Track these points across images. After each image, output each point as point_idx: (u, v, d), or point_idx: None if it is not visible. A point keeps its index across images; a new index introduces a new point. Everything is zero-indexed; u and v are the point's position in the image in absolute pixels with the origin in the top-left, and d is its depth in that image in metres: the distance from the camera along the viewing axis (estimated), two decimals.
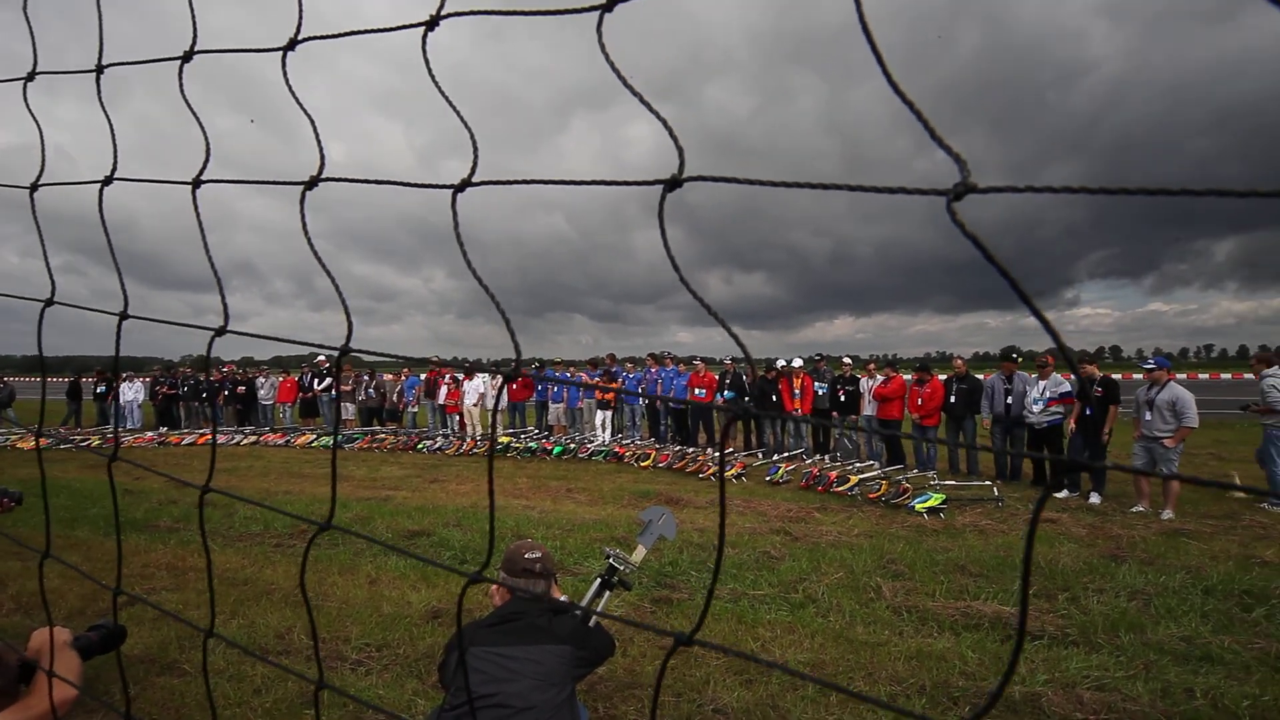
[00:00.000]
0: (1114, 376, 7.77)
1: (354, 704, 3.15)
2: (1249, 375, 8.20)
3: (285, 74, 0.75)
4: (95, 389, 15.64)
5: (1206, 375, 46.34)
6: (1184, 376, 41.27)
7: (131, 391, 15.95)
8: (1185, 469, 9.42)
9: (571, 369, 13.75)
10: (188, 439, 13.31)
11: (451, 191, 0.64)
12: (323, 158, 0.73)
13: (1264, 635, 3.79)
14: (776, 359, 11.18)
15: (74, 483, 8.43)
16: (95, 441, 13.03)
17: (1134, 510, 6.87)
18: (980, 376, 9.59)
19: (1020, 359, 9.01)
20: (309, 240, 0.73)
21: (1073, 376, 8.22)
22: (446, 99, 0.64)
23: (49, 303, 1.05)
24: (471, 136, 0.63)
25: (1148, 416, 6.91)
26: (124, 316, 0.94)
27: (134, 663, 3.51)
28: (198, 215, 0.84)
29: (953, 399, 9.24)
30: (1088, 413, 7.56)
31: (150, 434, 13.99)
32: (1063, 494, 7.67)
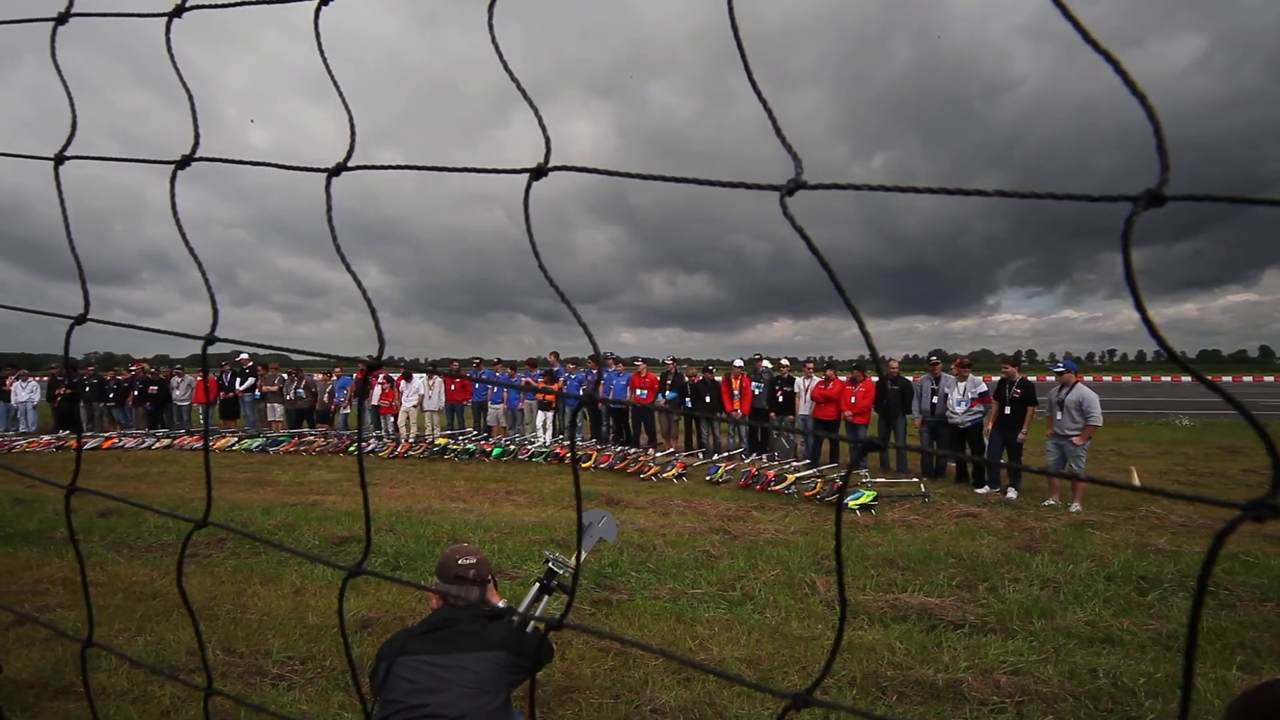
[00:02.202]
0: (1030, 379, 8.27)
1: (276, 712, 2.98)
2: (1146, 378, 8.88)
3: (169, 42, 0.69)
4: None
5: (1110, 378, 50.09)
6: (1090, 379, 44.50)
7: (25, 392, 14.64)
8: (1091, 464, 10.14)
9: (510, 370, 13.51)
10: (90, 443, 12.31)
11: (326, 175, 0.62)
12: (197, 135, 0.68)
13: (1158, 617, 4.11)
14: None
15: None
16: None
17: (1046, 504, 7.33)
18: (910, 378, 10.03)
19: (938, 362, 9.48)
20: (178, 223, 0.68)
21: (993, 379, 8.72)
22: (334, 80, 0.61)
23: None
24: (350, 119, 0.60)
25: (1058, 416, 7.39)
26: None
27: (23, 688, 3.21)
28: (60, 193, 0.76)
29: (886, 399, 9.63)
30: (1006, 412, 8.02)
31: (47, 437, 12.86)
32: (983, 490, 8.11)
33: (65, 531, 5.90)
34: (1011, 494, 7.83)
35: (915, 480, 8.33)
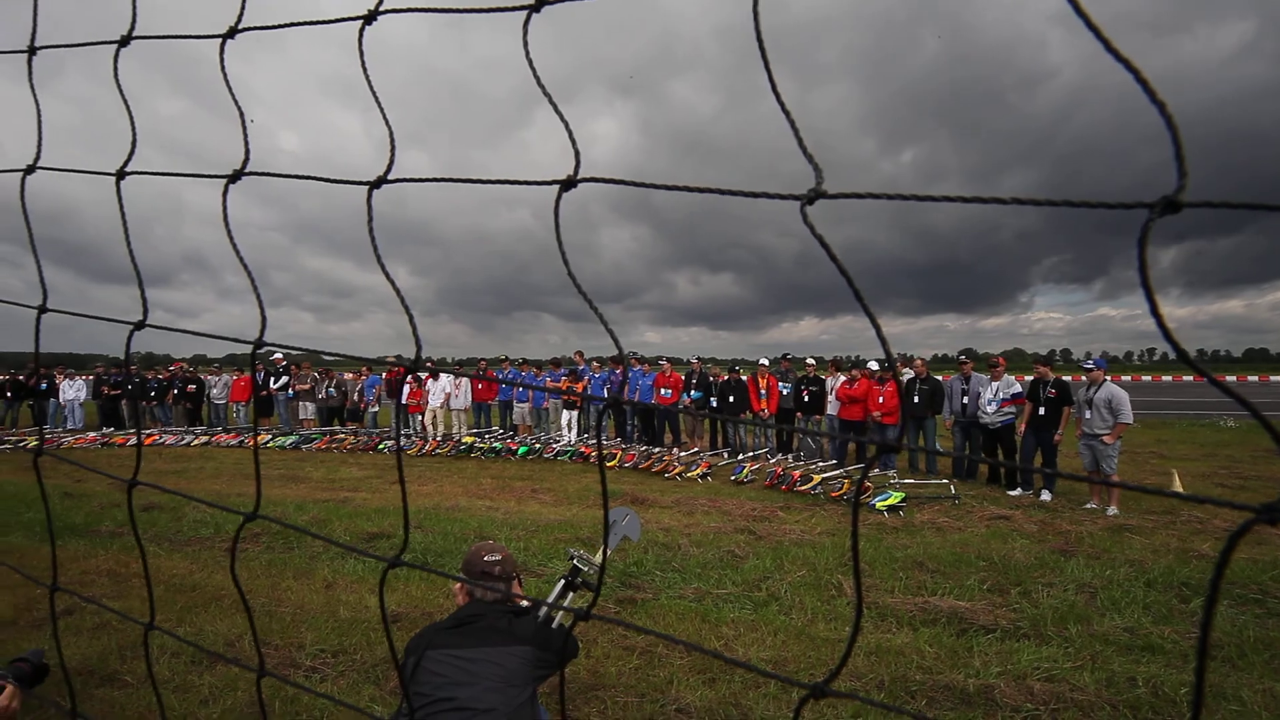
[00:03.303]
0: (1065, 379, 8.06)
1: (306, 714, 3.06)
2: (1188, 378, 8.58)
3: (223, 64, 0.71)
4: (35, 386, 14.85)
5: (1149, 377, 48.54)
6: (1128, 379, 43.16)
7: (73, 390, 15.21)
8: (1129, 466, 9.85)
9: (536, 369, 13.61)
10: (134, 439, 12.74)
11: (368, 188, 0.63)
12: (247, 150, 0.70)
13: (1201, 625, 3.97)
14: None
15: (7, 485, 7.99)
16: (33, 442, 12.38)
17: (1085, 507, 7.14)
18: (940, 378, 9.85)
19: (968, 361, 9.28)
20: (229, 231, 0.70)
21: (1025, 378, 8.52)
22: (376, 98, 0.62)
23: None
24: (390, 133, 0.62)
25: (1087, 415, 7.20)
26: (43, 310, 0.88)
27: (71, 675, 3.34)
28: (121, 208, 0.79)
29: (915, 399, 9.47)
30: (1040, 412, 7.83)
31: (93, 434, 13.36)
32: (1016, 492, 7.93)
33: (110, 525, 6.13)
34: (1045, 496, 7.64)
35: (945, 482, 8.18)
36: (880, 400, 9.61)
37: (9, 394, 15.18)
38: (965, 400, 8.91)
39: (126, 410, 14.88)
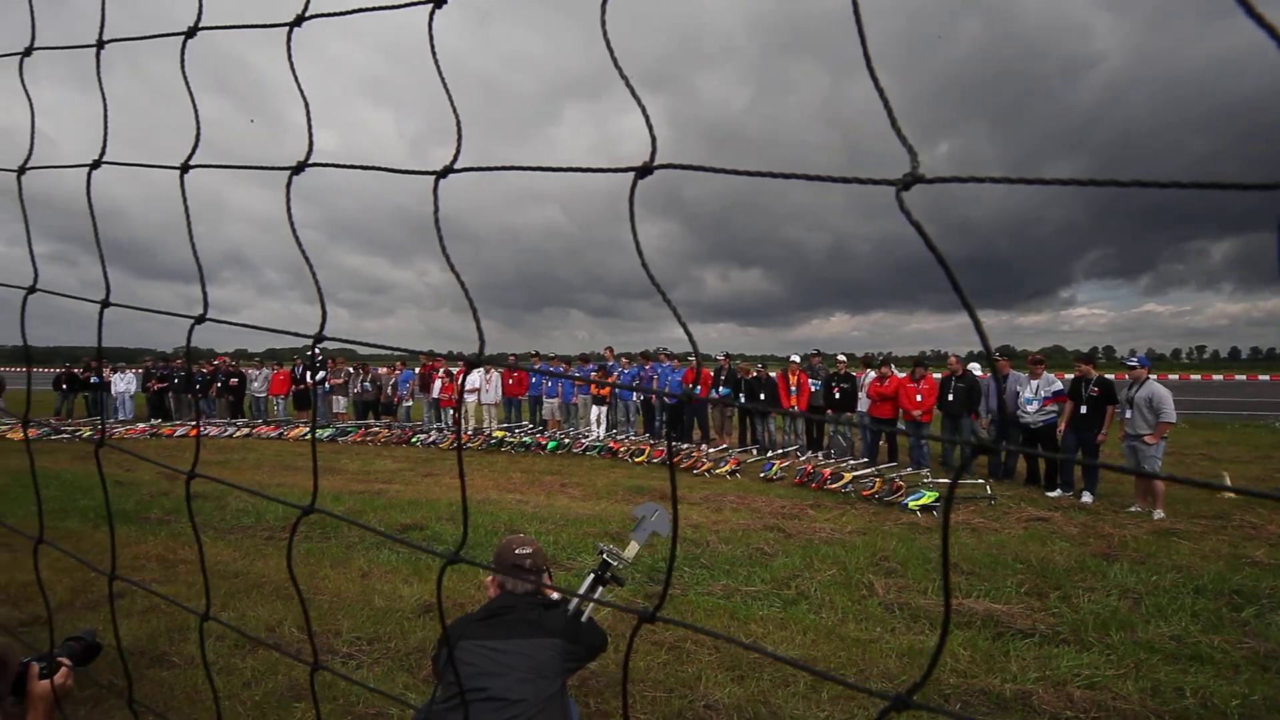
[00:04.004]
0: (1109, 377, 7.79)
1: (343, 699, 3.14)
2: (1241, 376, 8.21)
3: (290, 53, 0.73)
4: (88, 379, 15.53)
5: (1198, 376, 46.65)
6: (1175, 377, 41.55)
7: (124, 383, 15.84)
8: (1175, 468, 9.49)
9: (565, 364, 13.71)
10: (179, 430, 13.24)
11: (434, 177, 0.62)
12: (311, 143, 0.71)
13: (1253, 635, 3.81)
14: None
15: (64, 474, 8.37)
16: (86, 432, 12.94)
17: (1130, 510, 6.90)
18: (977, 375, 9.62)
19: (1005, 359, 9.02)
20: (293, 227, 0.71)
21: (1066, 376, 8.25)
22: (444, 82, 0.62)
23: (31, 290, 1.03)
24: (457, 121, 0.61)
25: (1128, 414, 6.95)
26: (105, 305, 0.92)
27: (124, 655, 3.49)
28: (184, 201, 0.82)
29: (950, 397, 9.26)
30: (1082, 411, 7.59)
31: (142, 425, 13.91)
32: (1055, 493, 7.71)
33: (159, 512, 6.37)
34: (1086, 498, 7.41)
35: (980, 482, 7.99)
36: (918, 399, 9.42)
37: (64, 386, 15.89)
38: (1003, 399, 8.69)
39: (173, 402, 15.45)
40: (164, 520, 6.21)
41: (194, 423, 14.09)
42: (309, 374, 14.58)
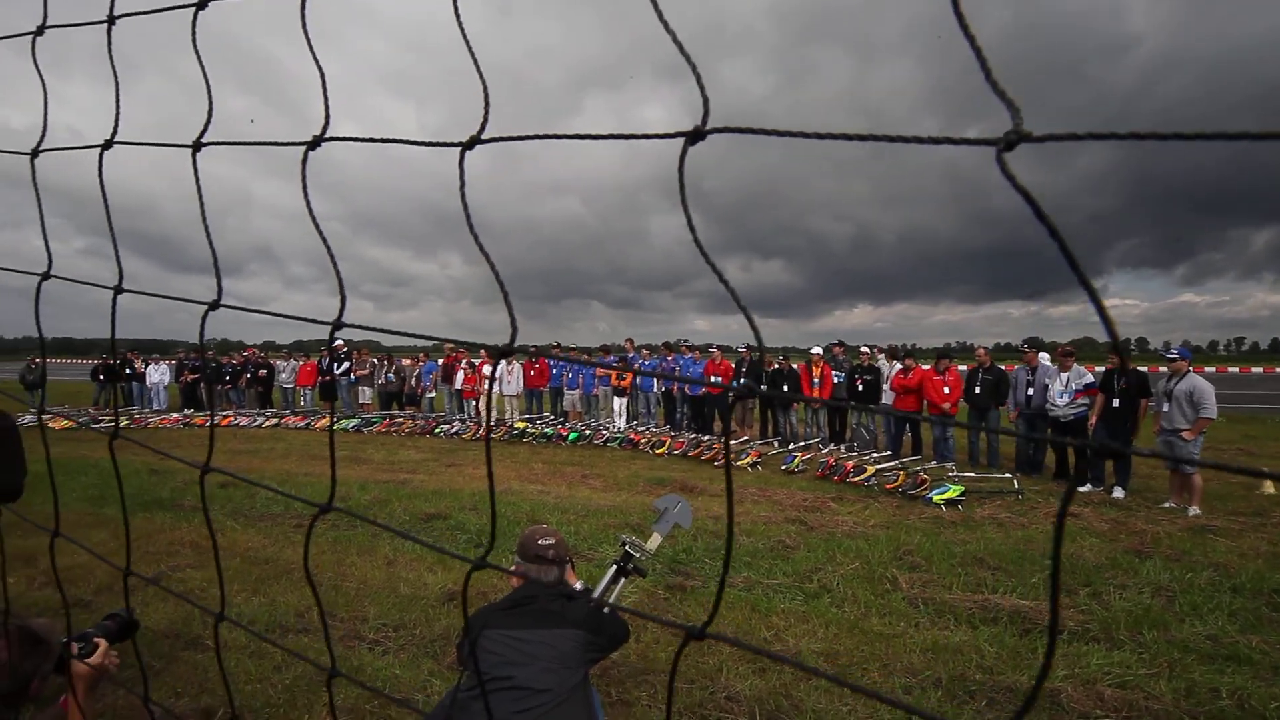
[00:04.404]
0: (1141, 369, 7.58)
1: (369, 682, 3.20)
2: None
3: (304, 22, 0.72)
4: (123, 370, 15.98)
5: (1236, 369, 45.21)
6: (1213, 370, 40.30)
7: (158, 374, 16.27)
8: None
9: (586, 355, 13.74)
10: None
11: (460, 149, 0.60)
12: (328, 116, 0.70)
13: None
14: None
15: (103, 462, 8.63)
16: (125, 421, 13.33)
17: (1163, 506, 6.72)
18: (1002, 367, 9.44)
19: (1032, 350, 8.81)
20: (308, 204, 0.71)
21: (1096, 369, 8.05)
22: (470, 50, 0.60)
23: (45, 276, 1.04)
24: (484, 88, 0.58)
25: (1165, 408, 6.75)
26: (119, 291, 0.93)
27: (159, 637, 3.60)
28: (197, 179, 0.82)
29: (977, 389, 9.10)
30: (1114, 404, 7.40)
31: (176, 415, 14.28)
32: (1085, 488, 7.54)
33: (192, 500, 6.54)
34: (1118, 493, 7.23)
35: (1008, 475, 7.85)
36: (946, 391, 9.27)
37: (102, 377, 16.38)
38: (1031, 391, 8.50)
39: (204, 392, 15.83)
40: (197, 508, 6.37)
41: (224, 412, 14.43)
42: (332, 365, 14.83)
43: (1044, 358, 8.77)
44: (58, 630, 1.70)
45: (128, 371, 15.89)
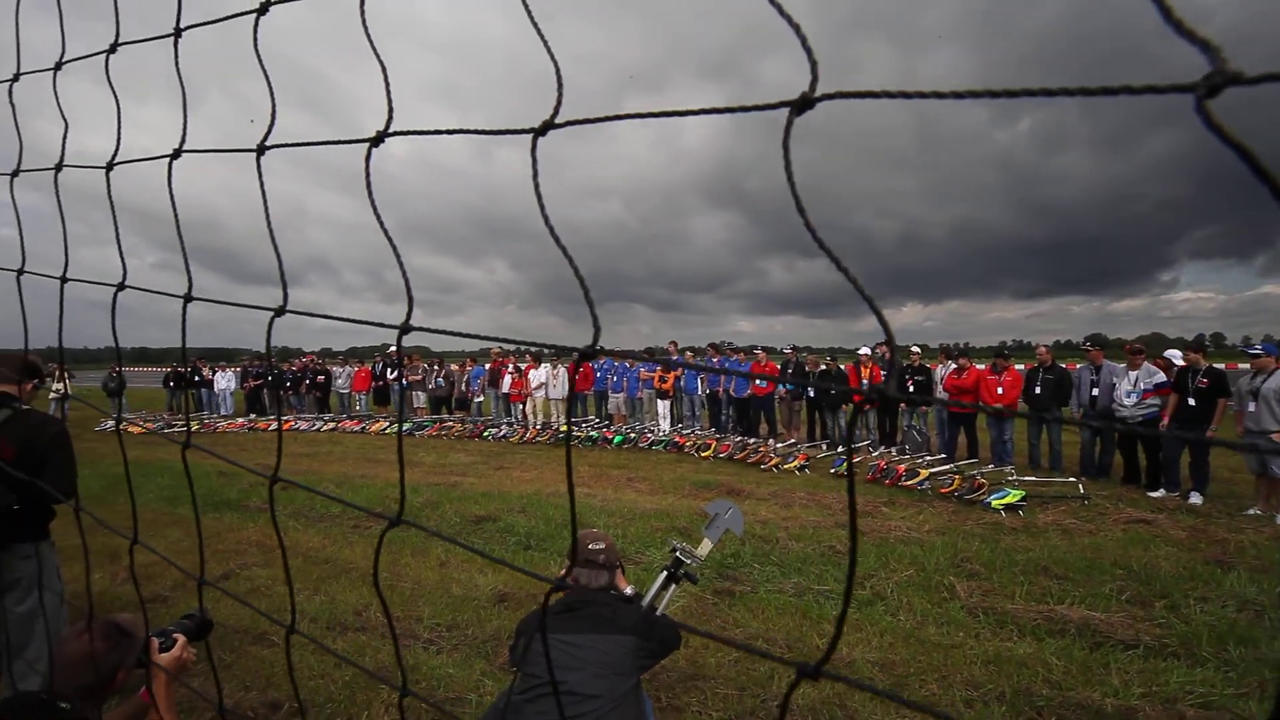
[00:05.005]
0: (1219, 366, 7.11)
1: (425, 681, 3.28)
2: None
3: (364, 20, 0.73)
4: (192, 377, 16.89)
5: None
6: None
7: (224, 380, 17.12)
8: None
9: (629, 359, 13.78)
10: (272, 425, 14.19)
11: (532, 135, 0.59)
12: (390, 110, 0.71)
13: None
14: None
15: (177, 465, 9.13)
16: (195, 426, 14.08)
17: (1248, 513, 6.28)
18: (1064, 366, 9.01)
19: (1097, 348, 8.36)
20: (373, 203, 0.72)
21: (1168, 366, 7.58)
22: (536, 27, 0.59)
23: (120, 287, 1.10)
24: (557, 71, 0.56)
25: (1251, 408, 6.29)
26: (188, 299, 0.97)
27: (229, 633, 3.77)
28: (261, 182, 0.85)
29: (1037, 390, 8.71)
30: (1189, 404, 6.96)
31: (241, 420, 15.00)
32: (1159, 493, 7.12)
33: (258, 501, 6.83)
34: (1195, 499, 6.80)
35: (1072, 480, 7.48)
36: (999, 391, 8.92)
37: (172, 383, 17.36)
38: (1096, 392, 8.09)
39: (268, 398, 16.58)
40: (262, 509, 6.67)
41: (287, 418, 15.06)
42: (388, 371, 15.29)
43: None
44: (141, 625, 1.79)
45: (196, 379, 16.78)
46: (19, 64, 1.34)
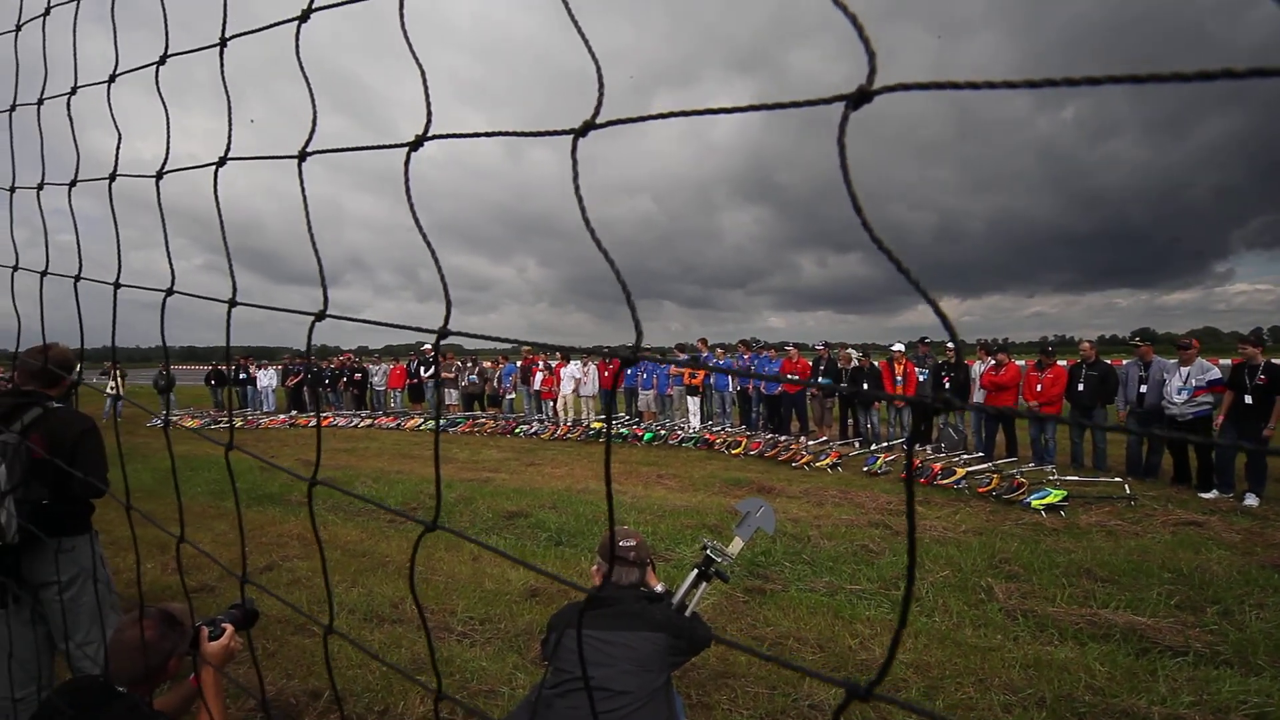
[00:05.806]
0: (1277, 362, 6.77)
1: (459, 674, 3.34)
2: None
3: (402, 20, 0.74)
4: (236, 375, 17.48)
5: None
6: None
7: (266, 378, 17.67)
8: None
9: (659, 356, 13.78)
10: (311, 421, 14.59)
11: (572, 136, 0.59)
12: (430, 114, 0.72)
13: None
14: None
15: (222, 460, 9.47)
16: (238, 422, 14.57)
17: None
18: (1109, 362, 8.69)
19: (1146, 344, 8.02)
20: (412, 207, 0.74)
21: (1222, 362, 7.26)
22: (579, 29, 0.59)
23: (169, 292, 1.14)
24: (597, 67, 0.56)
25: None
26: (233, 304, 1.01)
27: (271, 623, 3.90)
28: (302, 187, 0.87)
29: (1080, 387, 8.43)
30: (1246, 402, 6.65)
31: (283, 416, 15.46)
32: (1211, 494, 6.83)
33: (298, 495, 7.03)
34: (1250, 501, 6.50)
35: (1118, 480, 7.23)
36: (1038, 389, 8.66)
37: (213, 382, 18.02)
38: (1144, 389, 7.79)
39: (308, 396, 17.06)
40: (302, 502, 6.87)
41: (326, 414, 15.48)
42: (422, 368, 15.58)
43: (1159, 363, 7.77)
44: (189, 614, 1.87)
45: (241, 376, 17.35)
46: (76, 77, 1.40)
